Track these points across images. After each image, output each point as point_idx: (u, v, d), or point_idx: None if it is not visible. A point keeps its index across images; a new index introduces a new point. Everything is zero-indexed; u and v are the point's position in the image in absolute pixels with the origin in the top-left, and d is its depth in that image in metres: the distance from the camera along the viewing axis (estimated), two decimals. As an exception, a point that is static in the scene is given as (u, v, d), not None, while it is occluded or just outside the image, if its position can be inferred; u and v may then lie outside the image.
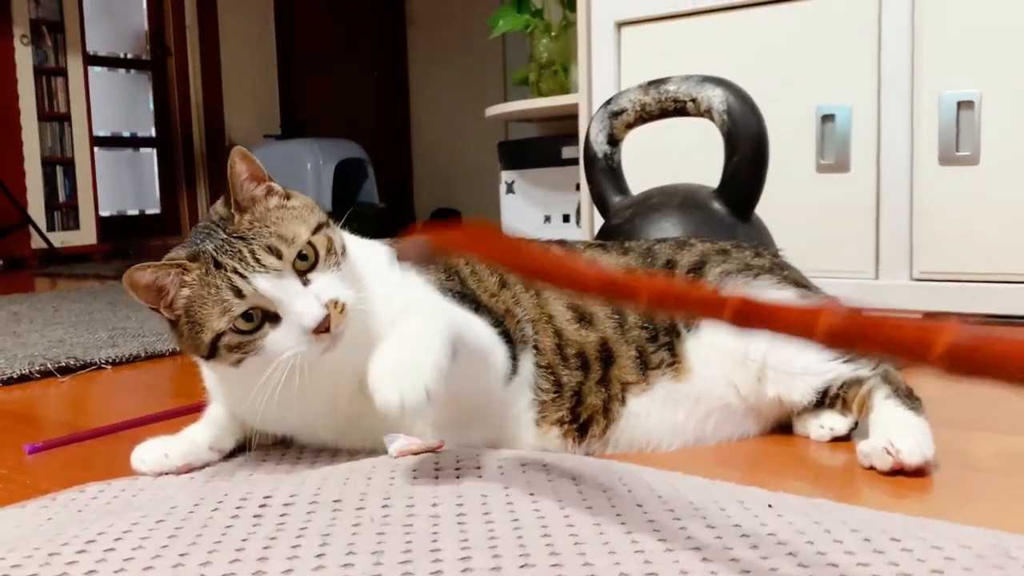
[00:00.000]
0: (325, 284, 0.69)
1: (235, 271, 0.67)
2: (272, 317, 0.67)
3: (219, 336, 0.67)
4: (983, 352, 0.33)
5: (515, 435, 0.77)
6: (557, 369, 0.78)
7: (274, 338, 0.67)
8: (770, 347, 0.79)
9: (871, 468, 0.71)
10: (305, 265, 0.68)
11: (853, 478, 0.72)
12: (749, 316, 0.40)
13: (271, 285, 0.67)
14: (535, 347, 0.78)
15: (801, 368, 0.79)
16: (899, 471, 0.70)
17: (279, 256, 0.67)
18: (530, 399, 0.77)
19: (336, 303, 0.68)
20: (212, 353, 0.69)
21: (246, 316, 0.67)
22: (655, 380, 0.80)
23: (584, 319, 0.81)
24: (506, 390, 0.76)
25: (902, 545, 0.53)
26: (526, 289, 0.81)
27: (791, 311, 0.39)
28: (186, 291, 0.68)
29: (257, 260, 0.67)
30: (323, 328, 0.67)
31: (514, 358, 0.76)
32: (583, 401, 0.78)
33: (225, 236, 0.68)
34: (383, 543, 0.55)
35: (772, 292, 0.83)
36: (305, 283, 0.68)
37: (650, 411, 0.80)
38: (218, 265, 0.67)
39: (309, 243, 0.69)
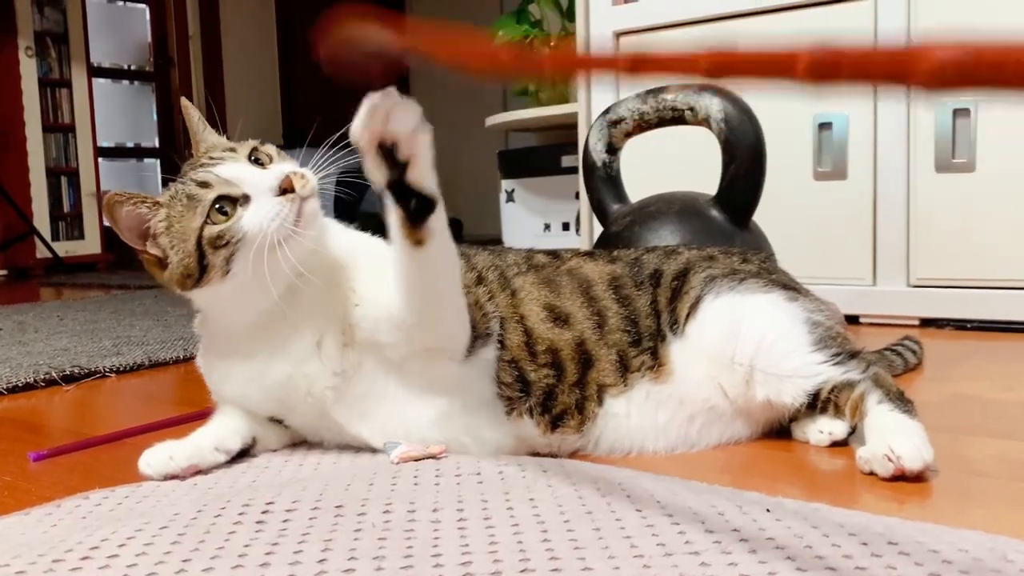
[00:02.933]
0: (283, 166, 0.76)
1: (197, 171, 0.75)
2: (242, 200, 0.73)
3: (200, 235, 0.72)
4: (840, 61, 0.36)
5: (488, 424, 0.78)
6: (523, 364, 0.78)
7: (249, 216, 0.72)
8: (757, 351, 0.79)
9: (871, 474, 0.71)
10: (260, 166, 0.76)
11: (852, 483, 0.72)
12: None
13: (231, 168, 0.75)
14: (500, 342, 0.78)
15: (790, 371, 0.78)
16: (900, 476, 0.70)
17: (233, 151, 0.77)
18: (493, 392, 0.77)
19: (295, 172, 0.74)
20: (201, 265, 0.73)
21: (219, 210, 0.73)
22: (634, 382, 0.80)
23: (560, 319, 0.81)
24: (461, 365, 0.76)
25: (899, 548, 0.53)
26: (502, 288, 0.82)
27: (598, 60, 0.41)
28: (163, 211, 0.75)
29: (213, 158, 0.76)
30: (287, 186, 0.73)
31: (472, 343, 0.76)
32: (555, 397, 0.79)
33: (188, 167, 0.78)
34: (384, 548, 0.56)
35: (758, 296, 0.82)
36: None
37: (630, 412, 0.80)
38: (183, 181, 0.76)
39: (256, 148, 0.78)
